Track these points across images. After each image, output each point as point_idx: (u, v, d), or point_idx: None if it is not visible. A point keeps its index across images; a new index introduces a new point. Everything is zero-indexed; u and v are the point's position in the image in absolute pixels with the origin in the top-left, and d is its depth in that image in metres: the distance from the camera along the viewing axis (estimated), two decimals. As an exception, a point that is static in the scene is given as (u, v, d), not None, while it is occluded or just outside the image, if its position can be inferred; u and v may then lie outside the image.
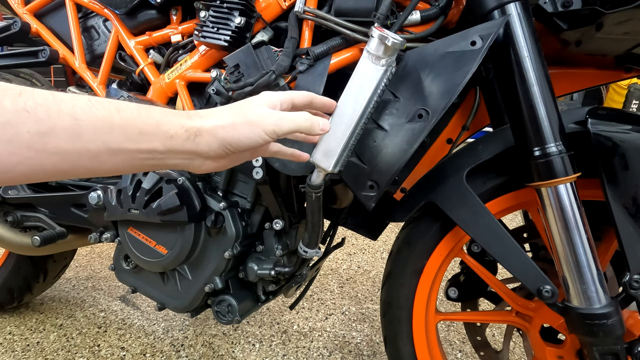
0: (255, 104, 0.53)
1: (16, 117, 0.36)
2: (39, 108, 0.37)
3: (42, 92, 0.38)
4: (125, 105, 0.44)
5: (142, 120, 0.45)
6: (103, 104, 0.42)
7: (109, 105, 0.43)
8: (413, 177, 0.94)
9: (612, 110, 0.74)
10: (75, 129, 0.40)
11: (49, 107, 0.38)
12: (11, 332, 1.43)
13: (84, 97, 0.41)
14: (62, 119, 0.39)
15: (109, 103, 0.43)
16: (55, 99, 0.39)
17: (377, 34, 0.63)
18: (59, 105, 0.39)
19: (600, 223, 0.77)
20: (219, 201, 0.89)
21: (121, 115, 0.43)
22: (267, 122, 0.52)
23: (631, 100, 4.06)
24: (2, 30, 1.15)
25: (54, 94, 0.39)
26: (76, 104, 0.40)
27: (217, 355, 1.33)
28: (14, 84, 0.37)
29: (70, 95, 0.40)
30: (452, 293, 0.94)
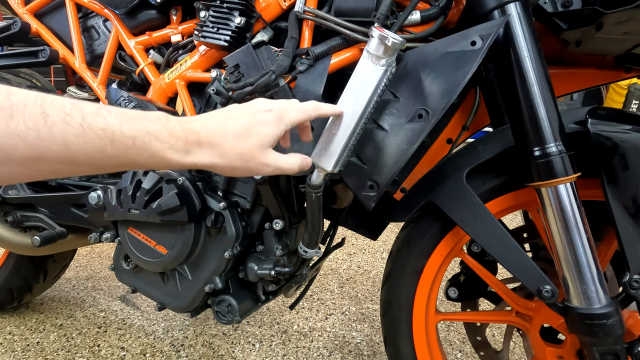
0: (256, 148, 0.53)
1: (8, 142, 0.37)
2: (30, 132, 0.38)
3: (34, 113, 0.38)
4: (119, 134, 0.43)
5: (136, 151, 0.45)
6: (96, 132, 0.42)
7: (103, 135, 0.42)
8: (413, 177, 0.94)
9: (612, 110, 0.74)
10: (66, 156, 0.41)
11: (40, 132, 0.38)
12: (11, 332, 1.43)
13: (78, 119, 0.41)
14: (53, 145, 0.39)
15: (102, 131, 0.42)
16: (46, 122, 0.39)
17: (377, 34, 0.63)
18: (50, 131, 0.39)
19: (600, 223, 0.77)
20: (219, 201, 0.89)
21: (114, 147, 0.43)
22: (264, 170, 0.55)
23: (631, 100, 4.06)
24: (2, 30, 1.15)
25: (45, 116, 0.39)
26: (68, 130, 0.40)
27: (217, 355, 1.33)
28: (6, 99, 0.37)
29: (63, 118, 0.40)
30: (452, 293, 0.94)
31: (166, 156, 0.47)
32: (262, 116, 0.54)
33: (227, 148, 0.51)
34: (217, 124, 0.51)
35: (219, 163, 0.51)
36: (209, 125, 0.51)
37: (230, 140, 0.51)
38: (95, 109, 0.42)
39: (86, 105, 0.42)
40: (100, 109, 0.43)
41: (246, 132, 0.52)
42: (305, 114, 0.59)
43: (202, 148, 0.50)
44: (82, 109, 0.41)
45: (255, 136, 0.52)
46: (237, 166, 0.52)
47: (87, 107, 0.42)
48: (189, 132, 0.49)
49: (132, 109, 0.76)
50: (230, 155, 0.51)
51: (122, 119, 0.44)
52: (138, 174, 0.90)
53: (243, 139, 0.52)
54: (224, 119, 0.52)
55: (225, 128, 0.51)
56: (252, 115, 0.54)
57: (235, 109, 0.55)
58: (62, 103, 0.40)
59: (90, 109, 0.42)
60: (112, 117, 0.43)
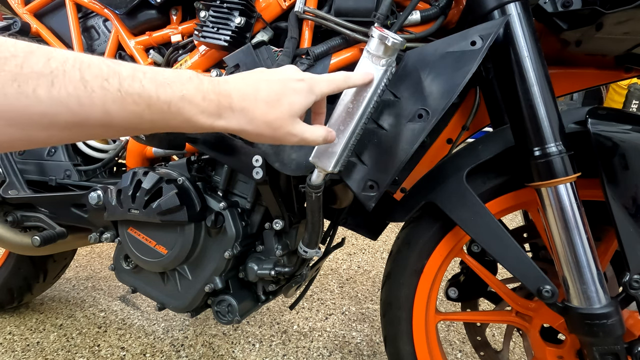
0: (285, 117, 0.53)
1: (51, 109, 0.37)
2: (71, 99, 0.38)
3: (74, 79, 0.38)
4: (156, 99, 0.43)
5: (171, 115, 0.45)
6: (134, 98, 0.42)
7: (140, 101, 0.43)
8: (413, 177, 0.94)
9: (612, 110, 0.74)
10: (106, 121, 0.41)
11: (81, 98, 0.39)
12: (11, 332, 1.43)
13: (115, 84, 0.41)
14: (94, 111, 0.40)
15: (139, 97, 0.42)
16: (86, 89, 0.39)
17: (377, 34, 0.63)
18: (90, 97, 0.39)
19: (600, 223, 0.77)
20: (219, 201, 0.89)
21: (151, 111, 0.44)
22: (289, 140, 0.54)
23: (631, 100, 4.06)
24: (2, 30, 1.15)
25: (85, 82, 0.39)
26: (107, 96, 0.40)
27: (217, 355, 1.33)
28: (46, 65, 0.37)
29: (101, 84, 0.40)
30: (452, 293, 0.94)
31: (199, 120, 0.47)
32: (294, 85, 0.54)
33: (257, 114, 0.51)
34: (250, 88, 0.51)
35: (247, 129, 0.51)
36: (242, 89, 0.50)
37: (261, 106, 0.51)
38: (132, 72, 0.42)
39: (122, 67, 0.42)
40: (136, 72, 0.43)
41: (277, 99, 0.52)
42: (335, 85, 0.58)
43: (233, 112, 0.50)
44: (119, 73, 0.41)
45: (286, 105, 0.52)
46: (265, 133, 0.52)
47: (123, 70, 0.42)
48: (221, 95, 0.49)
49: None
50: (260, 121, 0.51)
51: (158, 82, 0.44)
52: (138, 174, 0.90)
53: (274, 107, 0.51)
54: (257, 82, 0.52)
55: (258, 92, 0.51)
56: (284, 83, 0.53)
57: (267, 73, 0.54)
58: (99, 67, 0.40)
59: (126, 72, 0.42)
60: (148, 81, 0.43)
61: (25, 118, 0.36)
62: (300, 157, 0.76)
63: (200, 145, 0.85)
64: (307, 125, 0.56)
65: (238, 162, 0.83)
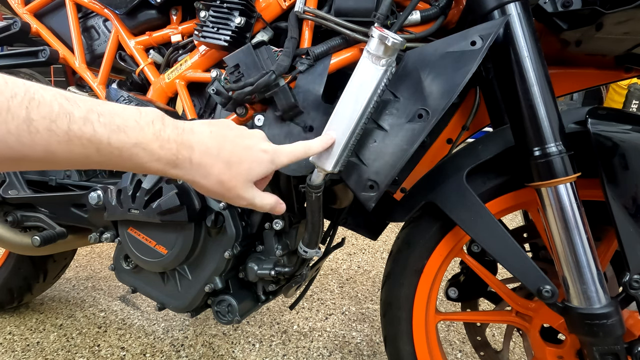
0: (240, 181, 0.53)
1: None
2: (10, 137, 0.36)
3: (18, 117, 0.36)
4: (106, 145, 0.42)
5: (122, 160, 0.44)
6: (82, 142, 0.40)
7: (89, 144, 0.41)
8: (413, 177, 0.94)
9: (612, 110, 0.74)
10: (49, 159, 0.40)
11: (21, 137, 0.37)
12: (11, 332, 1.43)
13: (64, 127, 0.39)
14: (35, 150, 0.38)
15: (88, 141, 0.41)
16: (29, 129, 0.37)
17: (377, 34, 0.63)
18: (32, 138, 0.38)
19: (600, 223, 0.77)
20: (219, 201, 0.89)
21: (100, 154, 0.42)
22: (237, 202, 0.54)
23: (631, 100, 4.06)
24: (2, 30, 1.15)
25: (29, 122, 0.37)
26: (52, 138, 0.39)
27: (217, 355, 1.33)
28: None
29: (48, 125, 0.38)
30: (452, 293, 0.94)
31: (152, 167, 0.46)
32: (257, 154, 0.54)
33: (214, 171, 0.50)
34: (214, 145, 0.50)
35: (201, 182, 0.50)
36: (206, 144, 0.50)
37: (220, 165, 0.51)
38: (85, 114, 0.41)
39: (76, 108, 0.40)
40: (90, 114, 0.41)
41: (238, 163, 0.52)
42: (295, 157, 0.60)
43: (191, 165, 0.49)
44: (70, 115, 0.39)
45: (244, 170, 0.52)
46: (216, 191, 0.51)
47: (76, 111, 0.40)
48: (183, 145, 0.48)
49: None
50: (214, 179, 0.50)
51: (112, 127, 0.42)
52: (138, 174, 0.90)
53: (232, 169, 0.51)
54: (222, 141, 0.51)
55: (221, 151, 0.51)
56: (248, 150, 0.53)
57: (235, 134, 0.54)
58: (50, 105, 0.38)
59: (79, 113, 0.40)
60: (101, 125, 0.41)
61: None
62: (300, 157, 0.76)
63: (200, 145, 0.85)
64: (259, 191, 0.56)
65: (238, 162, 0.83)
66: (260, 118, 0.80)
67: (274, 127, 0.78)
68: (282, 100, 0.74)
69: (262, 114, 0.80)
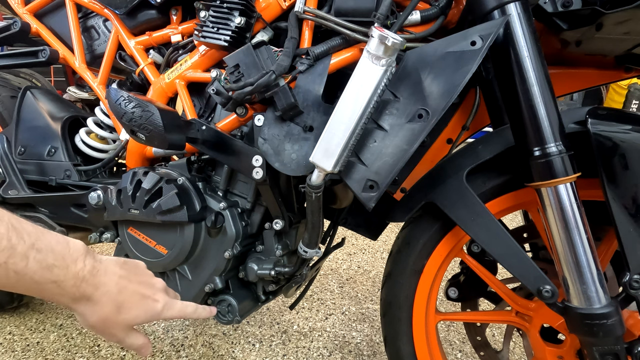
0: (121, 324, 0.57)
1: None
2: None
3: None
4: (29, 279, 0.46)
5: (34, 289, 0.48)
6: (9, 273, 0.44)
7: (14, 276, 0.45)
8: (413, 177, 0.94)
9: (612, 110, 0.74)
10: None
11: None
12: (11, 332, 1.43)
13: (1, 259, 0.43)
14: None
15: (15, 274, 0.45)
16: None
17: (377, 34, 0.63)
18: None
19: (600, 223, 0.77)
20: (219, 201, 0.89)
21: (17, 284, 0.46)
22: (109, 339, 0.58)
23: (631, 100, 4.06)
24: (2, 30, 1.15)
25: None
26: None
27: (217, 355, 1.33)
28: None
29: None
30: (452, 293, 0.94)
31: (59, 300, 0.51)
32: (149, 305, 0.59)
33: (102, 310, 0.54)
34: (115, 290, 0.55)
35: (86, 316, 0.54)
36: (108, 287, 0.55)
37: (111, 308, 0.55)
38: (25, 251, 0.45)
39: (20, 242, 0.44)
40: (30, 250, 0.45)
41: (127, 310, 0.57)
42: (183, 315, 0.66)
43: (88, 302, 0.53)
44: (12, 250, 0.44)
45: (129, 318, 0.57)
46: (95, 326, 0.55)
47: (18, 247, 0.44)
48: (90, 285, 0.52)
49: (131, 109, 0.77)
50: (99, 315, 0.54)
51: (43, 265, 0.47)
52: (138, 174, 0.90)
53: (120, 314, 0.56)
54: (125, 285, 0.57)
55: (118, 296, 0.56)
56: (143, 299, 0.59)
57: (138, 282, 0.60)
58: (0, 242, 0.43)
59: (20, 249, 0.44)
60: (34, 263, 0.46)
61: None
62: (300, 157, 0.76)
63: (200, 145, 0.85)
64: (133, 333, 0.60)
65: (238, 162, 0.83)
66: (260, 118, 0.80)
67: (274, 127, 0.78)
68: (282, 100, 0.74)
69: (262, 114, 0.80)
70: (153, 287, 0.62)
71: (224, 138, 0.84)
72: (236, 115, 0.85)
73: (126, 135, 1.01)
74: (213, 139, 0.84)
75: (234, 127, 0.90)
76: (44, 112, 1.18)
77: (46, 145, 1.15)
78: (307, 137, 0.76)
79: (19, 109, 1.19)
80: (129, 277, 0.59)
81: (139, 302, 0.58)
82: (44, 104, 1.20)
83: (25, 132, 1.18)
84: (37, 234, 0.47)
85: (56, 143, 1.14)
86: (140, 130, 0.78)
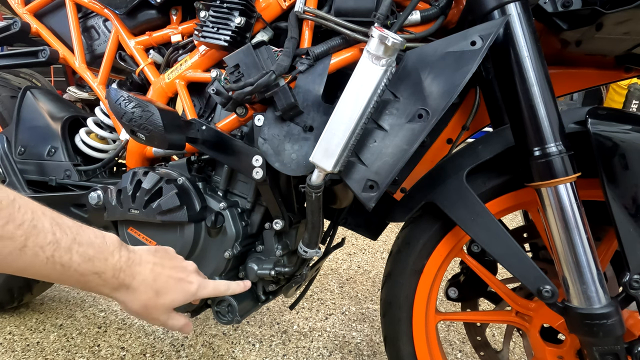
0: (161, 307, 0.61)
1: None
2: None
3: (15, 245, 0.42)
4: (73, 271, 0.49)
5: (75, 281, 0.51)
6: (56, 266, 0.47)
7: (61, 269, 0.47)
8: (413, 177, 0.94)
9: (612, 110, 0.74)
10: (14, 271, 0.45)
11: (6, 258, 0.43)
12: (11, 332, 1.43)
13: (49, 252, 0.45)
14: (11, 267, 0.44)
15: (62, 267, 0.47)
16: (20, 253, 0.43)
17: (377, 34, 0.63)
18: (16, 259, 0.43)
19: (600, 223, 0.77)
20: (219, 201, 0.89)
21: (62, 276, 0.48)
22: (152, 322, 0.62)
23: (631, 100, 4.06)
24: (2, 30, 1.15)
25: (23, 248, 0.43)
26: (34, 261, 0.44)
27: (217, 355, 1.33)
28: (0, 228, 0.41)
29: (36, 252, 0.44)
30: (452, 293, 0.94)
31: (99, 290, 0.54)
32: (185, 286, 0.63)
33: (141, 297, 0.58)
34: (151, 277, 0.59)
35: (128, 304, 0.58)
36: (145, 276, 0.58)
37: (150, 294, 0.59)
38: (69, 244, 0.47)
39: (63, 236, 0.47)
40: (73, 244, 0.48)
41: (165, 294, 0.61)
42: (217, 293, 0.71)
43: (127, 290, 0.57)
44: (58, 243, 0.46)
45: (168, 301, 0.61)
46: (138, 312, 0.59)
47: (62, 241, 0.47)
48: (127, 275, 0.56)
49: (131, 109, 0.77)
50: (141, 303, 0.58)
51: (85, 257, 0.49)
52: (138, 174, 0.90)
53: (159, 298, 0.60)
54: (159, 272, 0.60)
55: (155, 282, 0.59)
56: (178, 282, 0.63)
57: (171, 266, 0.63)
58: (45, 235, 0.45)
59: (64, 243, 0.47)
60: (77, 256, 0.49)
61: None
62: (300, 157, 0.76)
63: (200, 145, 0.85)
64: (174, 314, 0.64)
65: (238, 162, 0.83)
66: (260, 118, 0.80)
67: (274, 127, 0.78)
68: (282, 100, 0.74)
69: (262, 114, 0.80)
70: (185, 270, 0.66)
71: (224, 138, 0.84)
72: (236, 115, 0.85)
73: (126, 135, 1.01)
74: (213, 139, 0.84)
75: (234, 127, 0.90)
76: (44, 112, 1.19)
77: (46, 145, 1.15)
78: (307, 137, 0.76)
79: (19, 109, 1.19)
80: (162, 264, 0.62)
81: (175, 286, 0.62)
82: (44, 104, 1.20)
83: (25, 132, 1.18)
84: (77, 228, 0.50)
85: (56, 143, 1.14)
86: (140, 130, 0.78)
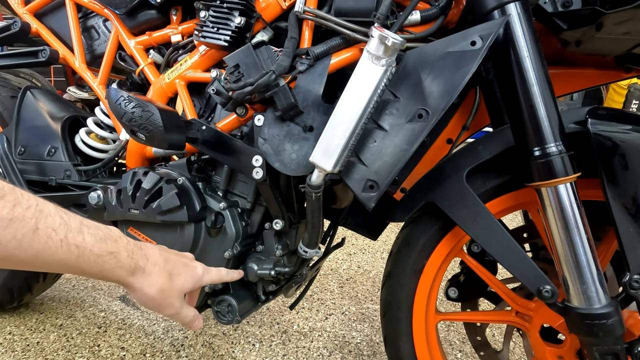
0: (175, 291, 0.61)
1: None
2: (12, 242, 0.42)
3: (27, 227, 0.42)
4: (89, 252, 0.49)
5: (92, 265, 0.51)
6: (70, 248, 0.47)
7: (76, 250, 0.48)
8: (413, 177, 0.94)
9: (612, 110, 0.74)
10: (28, 261, 0.45)
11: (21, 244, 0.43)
12: (11, 332, 1.43)
13: (61, 234, 0.45)
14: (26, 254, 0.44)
15: (77, 248, 0.48)
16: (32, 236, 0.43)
17: (377, 34, 0.63)
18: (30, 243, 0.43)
19: (600, 223, 0.77)
20: (219, 201, 0.89)
21: (78, 260, 0.49)
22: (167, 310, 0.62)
23: (631, 100, 4.06)
24: (2, 30, 1.15)
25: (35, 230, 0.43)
26: (47, 244, 0.45)
27: (217, 355, 1.33)
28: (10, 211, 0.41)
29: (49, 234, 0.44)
30: (452, 293, 0.94)
31: (114, 273, 0.54)
32: (192, 270, 0.65)
33: (157, 280, 0.58)
34: (161, 259, 0.60)
35: (145, 290, 0.58)
36: (155, 257, 0.59)
37: (164, 277, 0.59)
38: (78, 226, 0.48)
39: (71, 219, 0.48)
40: (82, 225, 0.49)
41: (177, 275, 0.62)
42: (219, 278, 0.73)
43: (143, 274, 0.57)
44: (68, 225, 0.47)
45: (180, 285, 0.62)
46: (155, 298, 0.59)
47: (71, 223, 0.47)
48: (141, 256, 0.57)
49: (131, 109, 0.77)
50: (157, 286, 0.58)
51: (97, 237, 0.50)
52: (138, 174, 0.90)
53: (172, 281, 0.61)
54: (167, 256, 0.62)
55: (166, 265, 0.60)
56: (185, 267, 0.64)
57: (174, 254, 0.65)
58: (54, 218, 0.45)
59: (74, 225, 0.48)
60: (89, 236, 0.49)
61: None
62: (300, 157, 0.76)
63: (200, 145, 0.85)
64: (185, 304, 0.64)
65: (238, 162, 0.83)
66: (260, 118, 0.80)
67: (274, 127, 0.78)
68: (282, 100, 0.74)
69: (262, 114, 0.80)
70: (187, 256, 0.68)
71: (224, 138, 0.84)
72: (236, 115, 0.85)
73: (126, 135, 1.01)
74: (213, 139, 0.84)
75: (234, 127, 0.90)
76: (44, 112, 1.19)
77: (46, 145, 1.15)
78: (307, 137, 0.76)
79: (19, 109, 1.19)
80: (166, 250, 0.64)
81: (184, 269, 0.63)
82: (44, 104, 1.20)
83: (25, 132, 1.18)
84: (79, 215, 0.50)
85: (56, 143, 1.14)
86: (140, 130, 0.78)
